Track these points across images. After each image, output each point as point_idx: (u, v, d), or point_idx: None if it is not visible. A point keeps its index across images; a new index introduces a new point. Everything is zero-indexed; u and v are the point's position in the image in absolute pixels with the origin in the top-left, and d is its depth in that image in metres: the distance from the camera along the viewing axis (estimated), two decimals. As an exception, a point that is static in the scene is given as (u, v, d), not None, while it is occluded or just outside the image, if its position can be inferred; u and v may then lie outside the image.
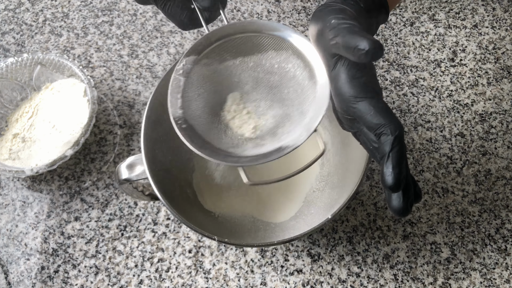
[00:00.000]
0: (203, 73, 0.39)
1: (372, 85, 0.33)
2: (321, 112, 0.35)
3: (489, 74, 0.59)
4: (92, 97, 0.53)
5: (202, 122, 0.39)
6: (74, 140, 0.51)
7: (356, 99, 0.32)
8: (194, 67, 0.39)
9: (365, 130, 0.33)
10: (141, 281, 0.48)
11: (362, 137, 0.34)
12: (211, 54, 0.39)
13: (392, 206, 0.32)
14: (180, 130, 0.37)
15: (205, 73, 0.40)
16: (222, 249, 0.50)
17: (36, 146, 0.53)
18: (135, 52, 0.61)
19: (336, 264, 0.49)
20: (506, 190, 0.52)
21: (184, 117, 0.38)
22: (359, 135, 0.35)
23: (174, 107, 0.38)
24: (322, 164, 0.51)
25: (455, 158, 0.54)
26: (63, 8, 0.65)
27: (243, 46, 0.39)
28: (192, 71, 0.39)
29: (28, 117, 0.55)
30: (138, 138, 0.55)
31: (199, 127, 0.38)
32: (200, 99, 0.39)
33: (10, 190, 0.53)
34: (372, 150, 0.33)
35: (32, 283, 0.49)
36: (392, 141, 0.31)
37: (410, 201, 0.32)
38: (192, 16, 0.40)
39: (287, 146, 0.36)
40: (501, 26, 0.62)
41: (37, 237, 0.51)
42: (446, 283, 0.48)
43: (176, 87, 0.38)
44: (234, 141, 0.39)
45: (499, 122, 0.56)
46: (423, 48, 0.60)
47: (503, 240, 0.50)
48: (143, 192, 0.46)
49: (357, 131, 0.34)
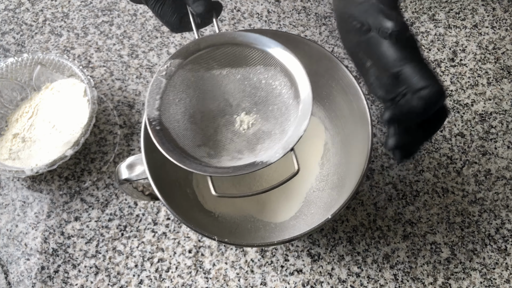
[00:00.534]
0: (187, 78, 0.39)
1: (416, 49, 0.33)
2: (299, 132, 0.35)
3: (489, 74, 0.59)
4: (92, 97, 0.53)
5: (179, 127, 0.38)
6: (74, 140, 0.51)
7: (401, 61, 0.32)
8: (178, 70, 0.38)
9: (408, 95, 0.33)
10: (141, 281, 0.48)
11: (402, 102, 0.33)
12: (198, 60, 0.39)
13: None
14: (152, 131, 0.36)
15: (190, 78, 0.39)
16: (222, 249, 0.50)
17: (36, 146, 0.53)
18: (135, 52, 0.61)
19: (336, 264, 0.49)
20: (506, 190, 0.52)
21: (160, 119, 0.37)
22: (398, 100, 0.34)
23: (151, 108, 0.37)
24: (322, 164, 0.51)
25: (455, 158, 0.54)
26: (63, 8, 0.65)
27: (232, 57, 0.39)
28: (175, 75, 0.38)
29: (28, 117, 0.55)
30: (138, 138, 0.55)
31: (175, 131, 0.38)
32: (180, 104, 0.39)
33: (10, 190, 0.53)
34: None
35: (32, 283, 0.49)
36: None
37: None
38: (183, 19, 0.39)
39: (261, 161, 0.36)
40: (501, 26, 0.62)
41: (37, 237, 0.51)
42: (446, 283, 0.48)
43: (157, 88, 0.38)
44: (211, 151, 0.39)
45: (499, 122, 0.56)
46: (423, 48, 0.60)
47: (503, 240, 0.50)
48: (143, 192, 0.46)
49: (396, 96, 0.33)
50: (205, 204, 0.49)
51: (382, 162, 0.53)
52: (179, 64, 0.38)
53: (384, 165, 0.53)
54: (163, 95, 0.38)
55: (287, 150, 0.35)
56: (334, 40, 0.60)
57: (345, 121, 0.49)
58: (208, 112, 0.41)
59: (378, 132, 0.55)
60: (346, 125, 0.48)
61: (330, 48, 0.60)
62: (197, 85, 0.40)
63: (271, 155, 0.36)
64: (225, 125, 0.41)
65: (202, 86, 0.40)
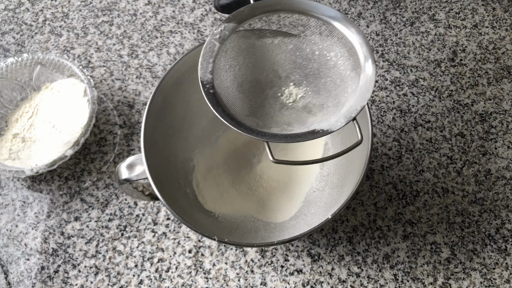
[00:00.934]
0: (238, 44, 0.38)
1: None
2: (362, 102, 0.34)
3: (489, 74, 0.59)
4: (92, 97, 0.53)
5: (228, 95, 0.37)
6: (74, 140, 0.51)
7: None
8: (231, 35, 0.37)
9: None
10: (141, 281, 0.48)
11: None
12: (252, 25, 0.38)
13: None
14: (207, 94, 0.35)
15: (241, 45, 0.38)
16: (222, 249, 0.50)
17: (36, 146, 0.53)
18: (135, 52, 0.61)
19: (336, 264, 0.49)
20: (506, 190, 0.52)
21: (213, 82, 0.36)
22: None
23: (204, 71, 0.36)
24: (322, 164, 0.51)
25: (455, 158, 0.54)
26: (63, 8, 0.65)
27: (287, 25, 0.38)
28: (228, 39, 0.37)
29: (28, 117, 0.55)
30: (138, 138, 0.55)
31: (225, 98, 0.37)
32: (230, 71, 0.38)
33: (10, 190, 0.53)
34: None
35: (32, 283, 0.49)
36: None
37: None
38: None
39: (321, 129, 0.35)
40: (501, 26, 0.62)
41: (37, 237, 0.51)
42: (446, 283, 0.48)
43: (210, 51, 0.37)
44: (260, 122, 0.38)
45: (499, 122, 0.56)
46: (423, 48, 0.60)
47: (503, 240, 0.50)
48: (143, 192, 0.46)
49: None
50: (205, 204, 0.49)
51: (382, 162, 0.53)
52: (233, 28, 0.37)
53: (384, 165, 0.53)
54: (216, 59, 0.37)
55: (349, 119, 0.34)
56: (334, 40, 0.60)
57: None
58: (256, 82, 0.40)
59: (378, 132, 0.55)
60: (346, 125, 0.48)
61: (330, 48, 0.60)
62: (248, 53, 0.39)
63: (332, 124, 0.35)
64: (273, 96, 0.39)
65: (252, 55, 0.39)
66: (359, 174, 0.41)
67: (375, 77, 0.35)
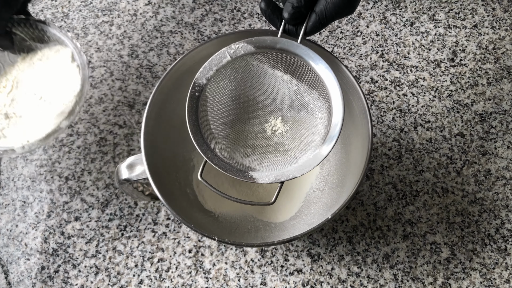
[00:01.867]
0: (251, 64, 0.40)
1: None
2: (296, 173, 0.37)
3: (489, 74, 0.59)
4: (82, 62, 0.48)
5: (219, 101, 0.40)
6: (69, 110, 0.47)
7: None
8: (245, 56, 0.39)
9: None
10: (141, 281, 0.48)
11: None
12: (268, 56, 0.40)
13: None
14: (190, 95, 0.38)
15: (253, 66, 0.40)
16: (222, 249, 0.50)
17: (24, 121, 0.48)
18: (135, 52, 0.61)
19: (336, 264, 0.49)
20: (505, 190, 0.52)
21: (204, 88, 0.39)
22: None
23: (203, 74, 0.39)
24: (322, 164, 0.51)
25: (455, 158, 0.54)
26: (63, 8, 0.65)
27: (297, 68, 0.40)
28: (240, 58, 0.40)
29: (7, 91, 0.50)
30: (138, 138, 0.55)
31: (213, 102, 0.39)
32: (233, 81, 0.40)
33: (10, 190, 0.54)
34: None
35: (32, 283, 0.49)
36: None
37: None
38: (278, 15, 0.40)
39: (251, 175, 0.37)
40: (501, 26, 0.62)
41: (37, 237, 0.51)
42: (446, 283, 0.48)
43: (218, 60, 0.39)
44: (231, 135, 0.40)
45: (499, 122, 0.56)
46: (423, 48, 0.60)
47: (503, 240, 0.50)
48: (143, 192, 0.46)
49: None
50: (205, 204, 0.49)
51: (382, 162, 0.54)
52: (249, 51, 0.39)
53: (384, 165, 0.53)
54: (220, 68, 0.39)
55: (275, 181, 0.37)
56: (334, 40, 0.60)
57: (345, 121, 0.48)
58: (254, 100, 0.42)
59: (378, 132, 0.55)
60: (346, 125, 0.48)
61: (330, 48, 0.60)
62: (257, 74, 0.41)
63: (262, 176, 0.37)
64: (260, 119, 0.42)
65: (261, 78, 0.41)
66: (359, 174, 0.41)
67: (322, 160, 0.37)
